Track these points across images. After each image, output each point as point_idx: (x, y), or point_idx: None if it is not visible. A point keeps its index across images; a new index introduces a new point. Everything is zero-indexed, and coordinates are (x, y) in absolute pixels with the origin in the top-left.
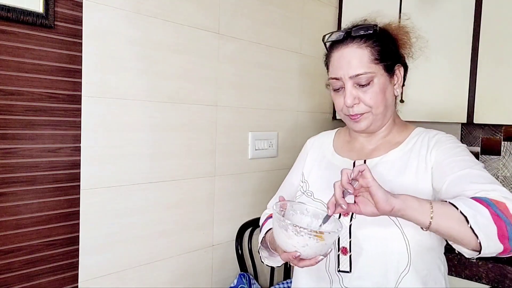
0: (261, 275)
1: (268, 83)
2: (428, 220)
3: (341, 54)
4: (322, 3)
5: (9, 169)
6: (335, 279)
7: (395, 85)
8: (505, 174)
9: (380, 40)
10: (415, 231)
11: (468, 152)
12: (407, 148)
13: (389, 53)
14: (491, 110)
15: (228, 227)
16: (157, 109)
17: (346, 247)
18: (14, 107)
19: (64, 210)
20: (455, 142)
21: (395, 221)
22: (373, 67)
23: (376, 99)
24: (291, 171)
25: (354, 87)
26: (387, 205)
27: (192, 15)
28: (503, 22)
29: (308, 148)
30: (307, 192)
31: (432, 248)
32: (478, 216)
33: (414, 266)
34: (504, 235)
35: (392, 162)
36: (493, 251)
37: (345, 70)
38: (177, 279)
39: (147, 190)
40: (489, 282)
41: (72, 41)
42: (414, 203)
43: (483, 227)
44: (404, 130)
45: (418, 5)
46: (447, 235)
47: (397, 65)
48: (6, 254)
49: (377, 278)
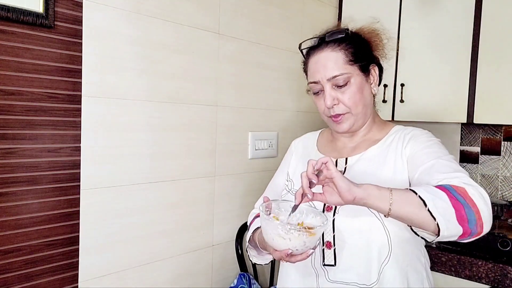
0: (261, 275)
1: (268, 83)
2: (388, 207)
3: (317, 58)
4: (322, 3)
5: (9, 169)
6: (321, 273)
7: (372, 84)
8: (505, 174)
9: (353, 43)
10: (395, 223)
11: (441, 145)
12: (386, 144)
13: (363, 54)
14: (491, 110)
15: (228, 227)
16: (157, 109)
17: (330, 241)
18: (14, 107)
19: (64, 210)
20: (429, 136)
21: (375, 214)
22: (348, 68)
23: (355, 98)
24: (277, 172)
25: (332, 88)
26: (349, 194)
27: (192, 15)
28: (503, 22)
29: (293, 149)
30: (292, 190)
31: (412, 239)
32: (436, 200)
33: (394, 256)
34: (463, 217)
35: (372, 158)
36: (453, 234)
37: (322, 73)
38: (177, 279)
39: (147, 190)
40: (489, 282)
41: (72, 41)
42: (375, 192)
43: (441, 210)
44: (383, 128)
45: (418, 6)
46: (407, 220)
47: (371, 65)
48: (6, 254)
49: (361, 269)
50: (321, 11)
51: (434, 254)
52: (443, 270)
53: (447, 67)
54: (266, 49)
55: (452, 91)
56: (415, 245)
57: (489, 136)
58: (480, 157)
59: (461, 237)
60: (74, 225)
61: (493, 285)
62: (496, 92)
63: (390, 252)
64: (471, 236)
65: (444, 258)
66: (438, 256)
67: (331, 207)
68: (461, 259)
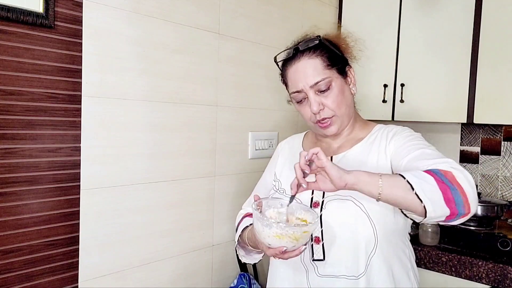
0: (261, 275)
1: (268, 83)
2: (378, 191)
3: (296, 68)
4: (322, 3)
5: (9, 169)
6: (311, 269)
7: (350, 84)
8: (505, 174)
9: (326, 48)
10: (380, 216)
11: (423, 138)
12: (368, 142)
13: (337, 58)
14: (491, 110)
15: (228, 227)
16: (157, 109)
17: (319, 236)
18: (14, 107)
19: (64, 210)
20: (411, 132)
21: (361, 207)
22: (328, 72)
23: (337, 100)
24: (264, 173)
25: (316, 94)
26: (341, 181)
27: (192, 15)
28: (503, 22)
29: (279, 150)
30: (280, 189)
31: (396, 231)
32: (423, 184)
33: (380, 248)
34: (450, 199)
35: (355, 156)
36: (439, 215)
37: (303, 81)
38: (177, 279)
39: (147, 190)
40: (489, 282)
41: (72, 41)
42: (365, 177)
43: (428, 192)
44: (365, 127)
45: (418, 6)
46: (396, 203)
47: (347, 67)
48: (6, 254)
49: (349, 262)
50: (321, 11)
51: (434, 254)
52: (443, 270)
53: (447, 67)
54: (266, 49)
55: (452, 91)
56: (399, 237)
57: (489, 136)
58: (480, 157)
59: (449, 218)
60: (74, 225)
61: (493, 285)
62: (496, 92)
63: (376, 243)
64: (458, 217)
65: (444, 258)
66: (438, 256)
67: (318, 203)
68: (461, 259)
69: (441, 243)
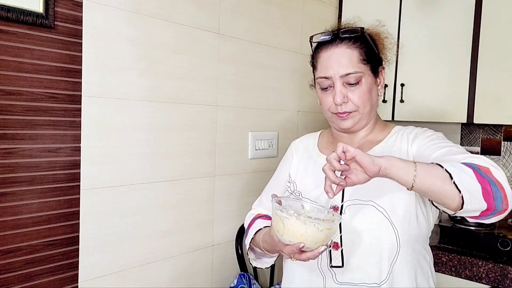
0: (261, 275)
1: (268, 83)
2: (412, 178)
3: (331, 54)
4: (322, 3)
5: (9, 169)
6: (328, 275)
7: (379, 86)
8: (505, 174)
9: (365, 42)
10: (403, 221)
11: (446, 138)
12: (387, 144)
13: (374, 55)
14: (491, 110)
15: (228, 227)
16: (157, 109)
17: (337, 241)
18: (14, 107)
19: (64, 210)
20: (433, 132)
21: (383, 213)
22: (361, 67)
23: (364, 98)
24: (277, 173)
25: (343, 86)
26: (374, 166)
27: (192, 15)
28: (503, 22)
29: (293, 150)
30: (295, 192)
31: (419, 237)
32: (462, 174)
33: (402, 254)
34: (489, 194)
35: None
36: (476, 208)
37: (335, 69)
38: (177, 279)
39: (147, 190)
40: (489, 282)
41: (72, 41)
42: (399, 162)
43: (467, 184)
44: (384, 129)
45: (418, 5)
46: (430, 193)
47: (380, 67)
48: (6, 254)
49: (371, 269)
50: (321, 11)
51: (434, 254)
52: (443, 270)
53: (447, 67)
54: (266, 49)
55: (452, 91)
56: (421, 243)
57: (489, 136)
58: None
59: (484, 214)
60: (74, 225)
61: (493, 285)
62: (496, 92)
63: (399, 250)
64: (494, 213)
65: (444, 258)
66: (438, 256)
67: (337, 207)
68: (462, 259)
69: (441, 243)
